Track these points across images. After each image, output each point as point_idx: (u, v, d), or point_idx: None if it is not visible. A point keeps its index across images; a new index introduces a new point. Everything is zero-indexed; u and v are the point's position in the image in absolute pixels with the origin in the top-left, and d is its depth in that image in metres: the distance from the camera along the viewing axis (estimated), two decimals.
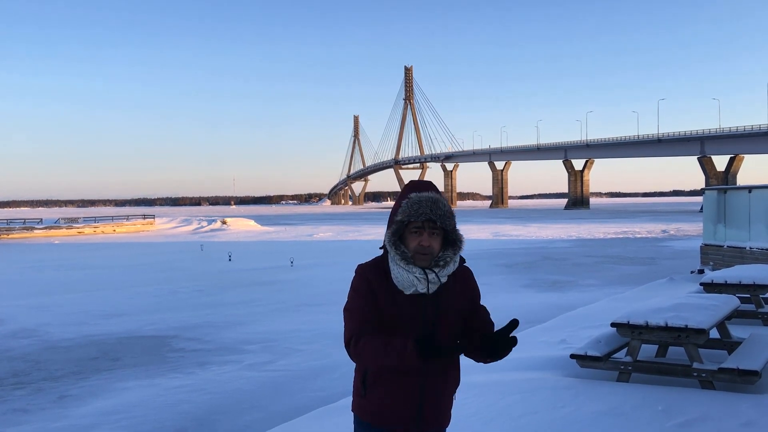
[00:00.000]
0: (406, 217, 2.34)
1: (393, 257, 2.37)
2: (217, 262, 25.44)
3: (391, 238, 2.37)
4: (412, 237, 2.35)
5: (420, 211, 2.32)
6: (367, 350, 2.28)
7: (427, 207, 2.33)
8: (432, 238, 2.35)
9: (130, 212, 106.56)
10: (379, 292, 2.37)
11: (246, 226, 59.56)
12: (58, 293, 16.59)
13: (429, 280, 2.33)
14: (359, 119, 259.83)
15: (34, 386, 7.86)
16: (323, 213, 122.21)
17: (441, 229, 2.37)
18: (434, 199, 2.35)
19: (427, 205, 2.33)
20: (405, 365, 2.22)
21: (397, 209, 2.38)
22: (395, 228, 2.37)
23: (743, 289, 8.13)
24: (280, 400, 7.06)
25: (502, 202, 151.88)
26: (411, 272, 2.33)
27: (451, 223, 2.37)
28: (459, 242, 2.41)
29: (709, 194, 15.77)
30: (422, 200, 2.34)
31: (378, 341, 2.27)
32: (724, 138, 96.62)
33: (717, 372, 5.31)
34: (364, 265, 2.45)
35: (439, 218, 2.33)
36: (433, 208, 2.33)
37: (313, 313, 12.70)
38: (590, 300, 12.44)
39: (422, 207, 2.33)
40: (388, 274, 2.38)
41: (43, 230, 52.94)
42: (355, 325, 2.34)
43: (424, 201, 2.34)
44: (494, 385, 5.67)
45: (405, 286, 2.34)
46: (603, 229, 45.31)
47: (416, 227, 2.34)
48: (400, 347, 2.21)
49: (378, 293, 2.37)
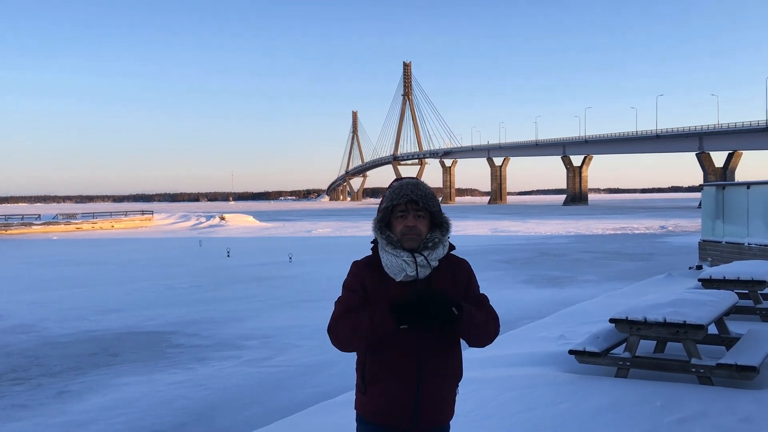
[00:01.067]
0: (389, 202, 2.41)
1: (381, 244, 2.42)
2: (215, 258, 25.44)
3: (378, 224, 2.44)
4: (398, 221, 2.41)
5: (402, 192, 2.40)
6: (345, 326, 2.33)
7: (408, 189, 2.40)
8: (417, 220, 2.40)
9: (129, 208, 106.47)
10: (370, 286, 2.40)
11: (244, 222, 59.57)
12: (56, 289, 16.58)
13: (417, 263, 2.35)
14: (358, 115, 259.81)
15: (33, 382, 7.85)
16: (322, 209, 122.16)
17: (426, 212, 2.41)
18: (415, 182, 2.44)
19: (408, 187, 2.41)
20: (380, 328, 2.27)
21: (383, 199, 2.46)
22: (381, 215, 2.44)
23: (741, 285, 8.12)
24: (278, 396, 7.06)
25: (500, 198, 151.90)
26: (399, 256, 2.36)
27: (434, 204, 2.42)
28: (446, 224, 2.46)
29: (707, 190, 15.77)
30: (403, 184, 2.43)
31: (354, 314, 2.34)
32: (722, 134, 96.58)
33: (715, 368, 5.31)
34: (357, 262, 2.50)
35: (421, 198, 2.39)
36: (413, 190, 2.40)
37: (312, 309, 12.70)
38: (589, 296, 12.45)
39: (403, 189, 2.41)
40: (380, 269, 2.41)
41: (42, 226, 52.90)
42: (337, 311, 2.41)
43: (405, 184, 2.43)
44: (492, 380, 5.67)
45: (395, 271, 2.36)
46: (601, 225, 45.35)
47: (401, 211, 2.40)
48: (372, 311, 2.29)
49: (369, 287, 2.40)
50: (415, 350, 2.34)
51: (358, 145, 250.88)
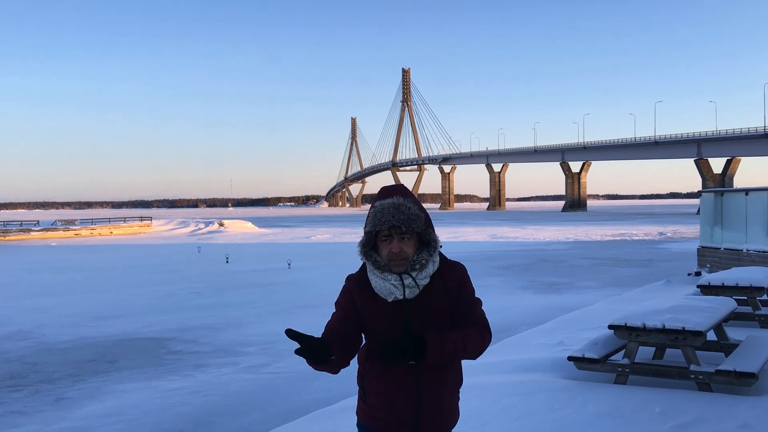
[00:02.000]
0: (372, 227, 2.33)
1: (369, 268, 2.38)
2: (214, 264, 25.42)
3: (362, 249, 2.38)
4: (383, 245, 2.34)
5: (383, 219, 2.30)
6: None
7: (389, 214, 2.30)
8: (403, 243, 2.32)
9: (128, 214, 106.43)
10: (361, 303, 2.39)
11: (243, 228, 59.53)
12: (54, 295, 16.56)
13: (405, 285, 2.32)
14: (357, 121, 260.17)
15: (31, 388, 7.84)
16: (321, 215, 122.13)
17: (412, 233, 2.34)
18: (396, 204, 2.31)
19: (389, 212, 2.30)
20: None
21: (367, 220, 2.38)
22: (365, 239, 2.37)
23: (740, 291, 8.13)
24: (277, 403, 7.05)
25: (499, 204, 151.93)
26: (386, 280, 2.32)
27: (418, 225, 2.32)
28: (433, 242, 2.38)
29: (706, 196, 15.80)
30: (385, 207, 2.32)
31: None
32: (720, 140, 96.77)
33: (714, 374, 5.31)
34: (350, 277, 2.47)
35: (403, 223, 2.30)
36: (395, 214, 2.29)
37: (311, 315, 12.68)
38: (588, 302, 12.44)
39: (385, 215, 2.30)
40: (370, 285, 2.39)
41: (40, 232, 52.84)
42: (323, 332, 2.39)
43: (387, 208, 2.31)
44: (491, 386, 5.67)
45: (384, 294, 2.33)
46: (600, 231, 45.36)
47: (385, 235, 2.33)
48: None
49: (359, 304, 2.39)
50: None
51: (357, 151, 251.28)
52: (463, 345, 2.32)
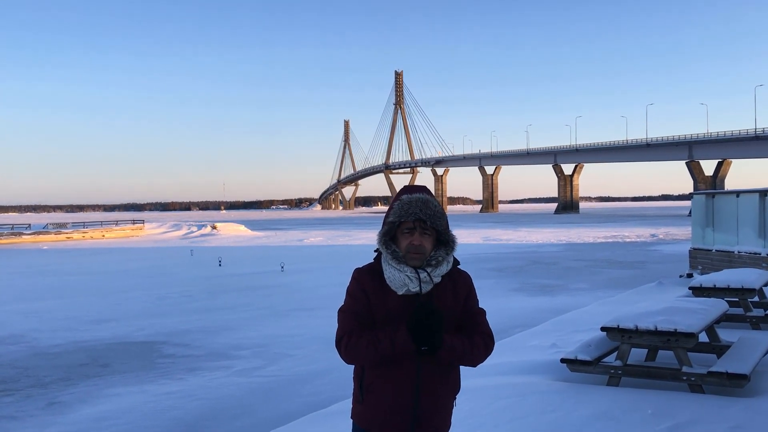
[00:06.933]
0: (397, 218, 2.38)
1: (385, 257, 2.41)
2: (207, 267, 25.35)
3: (383, 238, 2.42)
4: (404, 237, 2.39)
5: (410, 210, 2.36)
6: (360, 344, 2.31)
7: (417, 207, 2.37)
8: (423, 237, 2.38)
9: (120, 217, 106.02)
10: (372, 295, 2.39)
11: (236, 231, 59.43)
12: (46, 299, 16.48)
13: (421, 279, 2.35)
14: (350, 124, 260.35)
15: (23, 393, 7.79)
16: (314, 218, 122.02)
17: (432, 230, 2.39)
18: (425, 199, 2.39)
19: (417, 205, 2.37)
20: (398, 350, 2.26)
21: (390, 211, 2.43)
22: (386, 228, 2.41)
23: (732, 292, 8.17)
24: (270, 406, 7.04)
25: (492, 206, 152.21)
26: (402, 271, 2.35)
27: (442, 223, 2.40)
28: (451, 242, 2.44)
29: (697, 198, 15.88)
30: (413, 201, 2.39)
31: (370, 333, 2.32)
32: (712, 143, 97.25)
33: (706, 376, 5.34)
34: (359, 269, 2.48)
35: (429, 218, 2.36)
36: (423, 208, 2.37)
37: (304, 318, 12.68)
38: (580, 304, 12.48)
39: (413, 207, 2.37)
40: (381, 277, 2.40)
41: (32, 236, 52.58)
42: (347, 324, 2.38)
43: (415, 201, 2.38)
44: (484, 389, 5.67)
45: (397, 285, 2.35)
46: (592, 233, 45.50)
47: (408, 228, 2.38)
48: (391, 332, 2.28)
49: (370, 295, 2.39)
50: (415, 360, 2.34)
51: (350, 154, 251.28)
52: (469, 348, 2.37)
